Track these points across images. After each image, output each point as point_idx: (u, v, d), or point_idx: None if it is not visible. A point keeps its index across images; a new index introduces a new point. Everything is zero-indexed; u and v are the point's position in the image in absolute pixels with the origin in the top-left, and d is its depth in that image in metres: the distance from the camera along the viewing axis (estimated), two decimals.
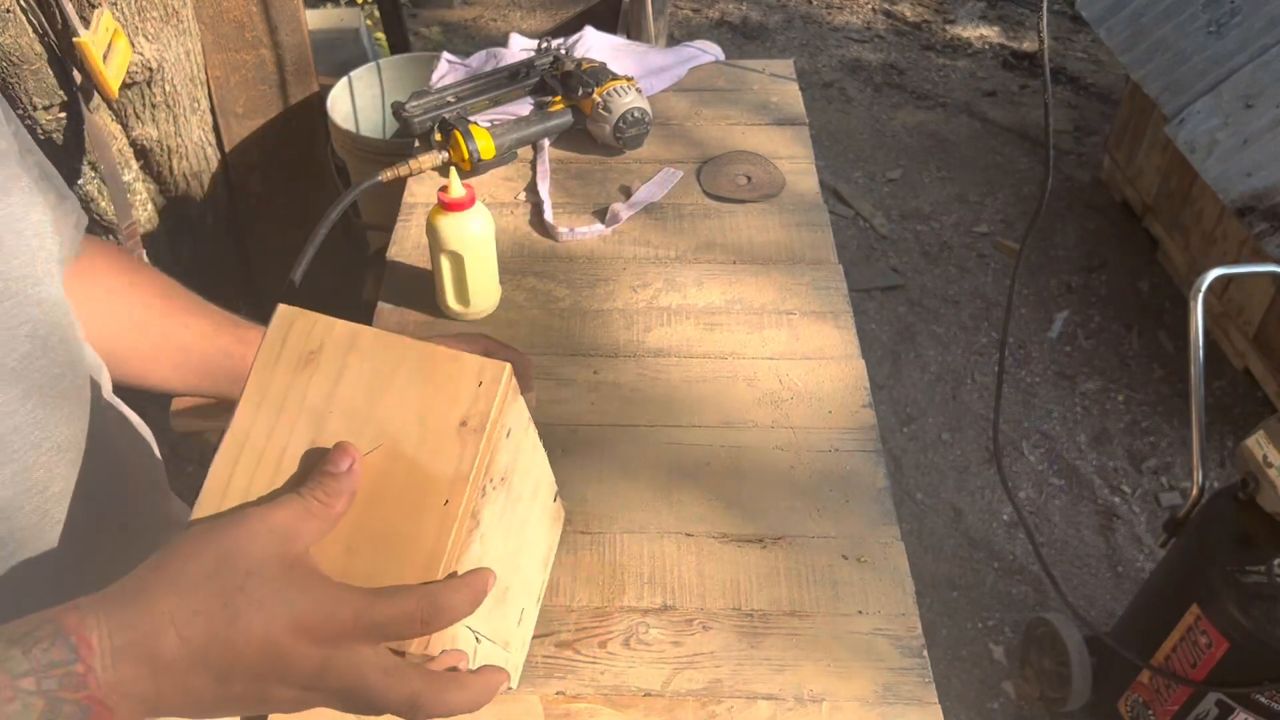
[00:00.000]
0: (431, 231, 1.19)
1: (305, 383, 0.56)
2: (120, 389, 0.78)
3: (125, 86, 1.75)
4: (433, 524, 0.54)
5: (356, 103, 2.28)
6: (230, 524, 0.50)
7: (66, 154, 1.76)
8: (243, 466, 0.56)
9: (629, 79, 1.52)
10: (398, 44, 2.50)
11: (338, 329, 0.58)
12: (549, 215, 1.42)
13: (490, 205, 1.44)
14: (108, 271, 0.77)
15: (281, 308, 0.58)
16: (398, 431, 0.56)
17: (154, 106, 1.83)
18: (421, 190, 1.48)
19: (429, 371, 0.57)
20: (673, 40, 3.17)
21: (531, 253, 1.38)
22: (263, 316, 0.64)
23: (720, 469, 1.08)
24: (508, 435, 0.60)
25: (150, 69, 1.76)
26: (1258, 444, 1.42)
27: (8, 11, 1.53)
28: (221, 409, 0.92)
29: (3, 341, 0.57)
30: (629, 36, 2.23)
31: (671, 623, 0.94)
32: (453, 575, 0.54)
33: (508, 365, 0.57)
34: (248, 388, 0.57)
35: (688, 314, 1.27)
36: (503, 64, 1.67)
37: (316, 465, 0.53)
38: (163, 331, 0.80)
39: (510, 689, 0.61)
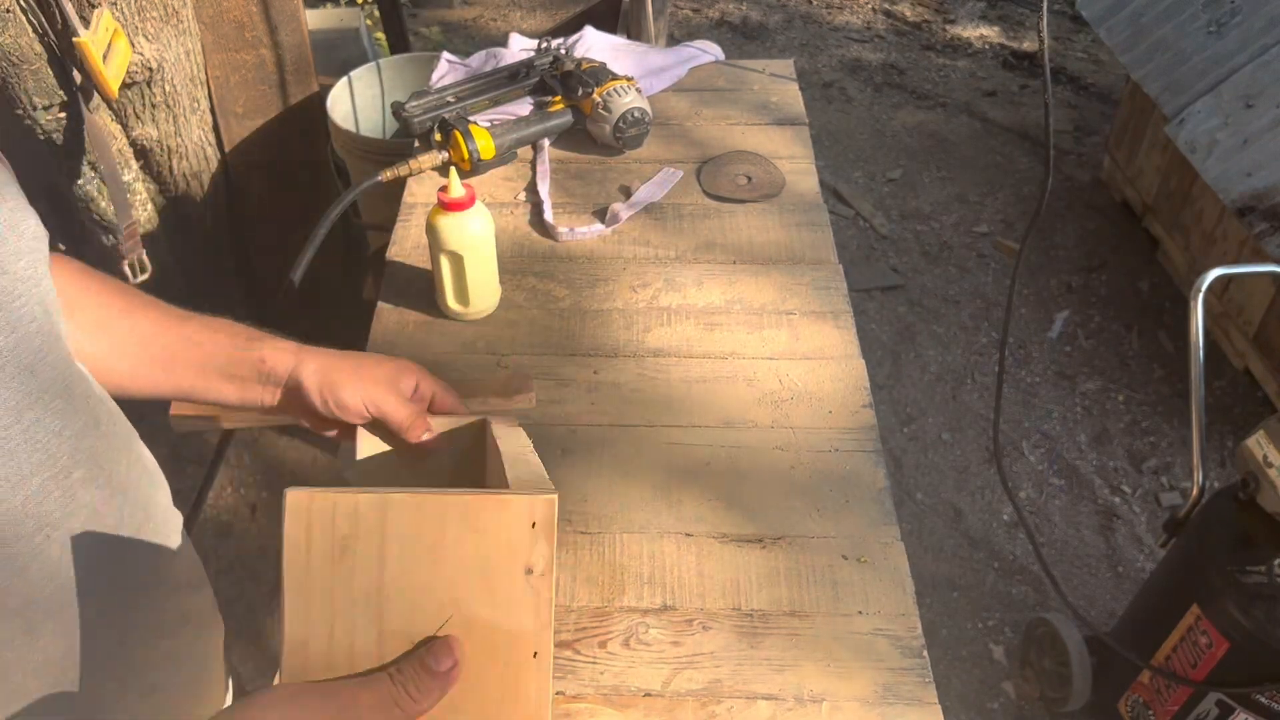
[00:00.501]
0: (431, 231, 1.19)
1: (349, 575, 0.53)
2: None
3: (125, 86, 1.75)
4: (531, 681, 0.55)
5: (356, 102, 2.28)
6: (319, 694, 0.50)
7: (66, 154, 1.76)
8: (314, 672, 0.53)
9: (629, 79, 1.52)
10: (398, 44, 2.50)
11: (362, 507, 0.53)
12: (549, 215, 1.42)
13: (490, 205, 1.44)
14: (66, 277, 0.74)
15: (291, 496, 0.53)
16: (464, 595, 0.54)
17: (154, 106, 1.83)
18: (421, 190, 1.48)
19: (476, 524, 0.54)
20: (673, 40, 3.17)
21: (531, 253, 1.38)
22: (263, 317, 0.64)
23: (720, 469, 1.08)
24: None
25: (150, 69, 1.76)
26: (1258, 444, 1.42)
27: (7, 11, 1.53)
28: (223, 407, 0.92)
29: (17, 339, 0.58)
30: (629, 36, 2.23)
31: (671, 623, 0.94)
32: None
33: (554, 497, 0.55)
34: (287, 592, 0.53)
35: (687, 314, 1.27)
36: (503, 64, 1.67)
37: (417, 653, 0.53)
38: (126, 327, 0.77)
39: None
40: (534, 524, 0.55)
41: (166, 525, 0.77)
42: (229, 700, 0.93)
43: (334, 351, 0.82)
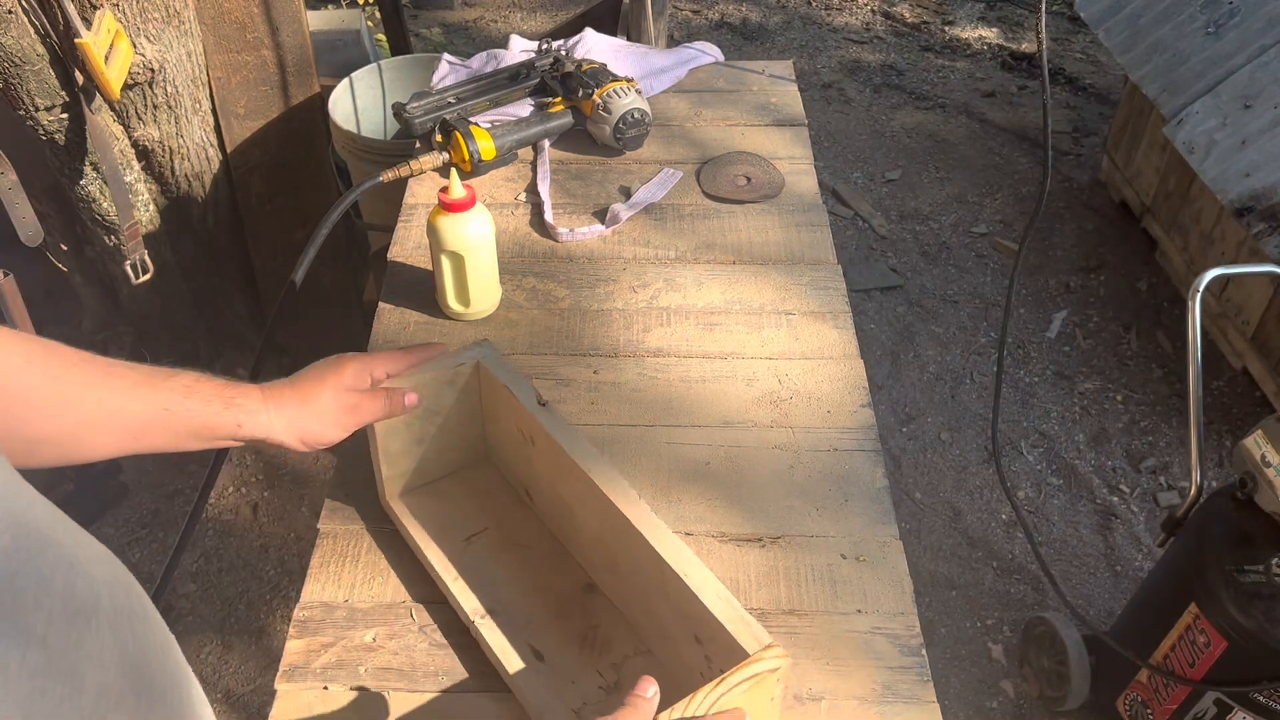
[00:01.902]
0: (432, 232, 1.19)
1: None
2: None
3: (127, 87, 1.76)
4: None
5: (358, 103, 2.28)
6: None
7: (68, 155, 1.76)
8: None
9: (629, 80, 1.52)
10: (399, 45, 2.51)
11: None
12: (549, 216, 1.42)
13: (491, 206, 1.45)
14: (21, 356, 0.70)
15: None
16: None
17: (156, 107, 1.84)
18: (422, 191, 1.49)
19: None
20: (672, 41, 3.18)
21: (532, 253, 1.38)
22: (263, 317, 0.64)
23: (719, 468, 1.08)
24: None
25: (152, 70, 1.77)
26: (1256, 443, 1.43)
27: (9, 13, 1.54)
28: None
29: None
30: (629, 38, 2.24)
31: None
32: None
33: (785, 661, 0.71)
34: None
35: (687, 314, 1.28)
36: (503, 65, 1.67)
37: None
38: (93, 402, 0.73)
39: None
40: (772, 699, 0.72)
41: None
42: None
43: (290, 390, 0.85)
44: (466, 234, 1.18)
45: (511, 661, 0.88)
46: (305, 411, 0.84)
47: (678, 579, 0.79)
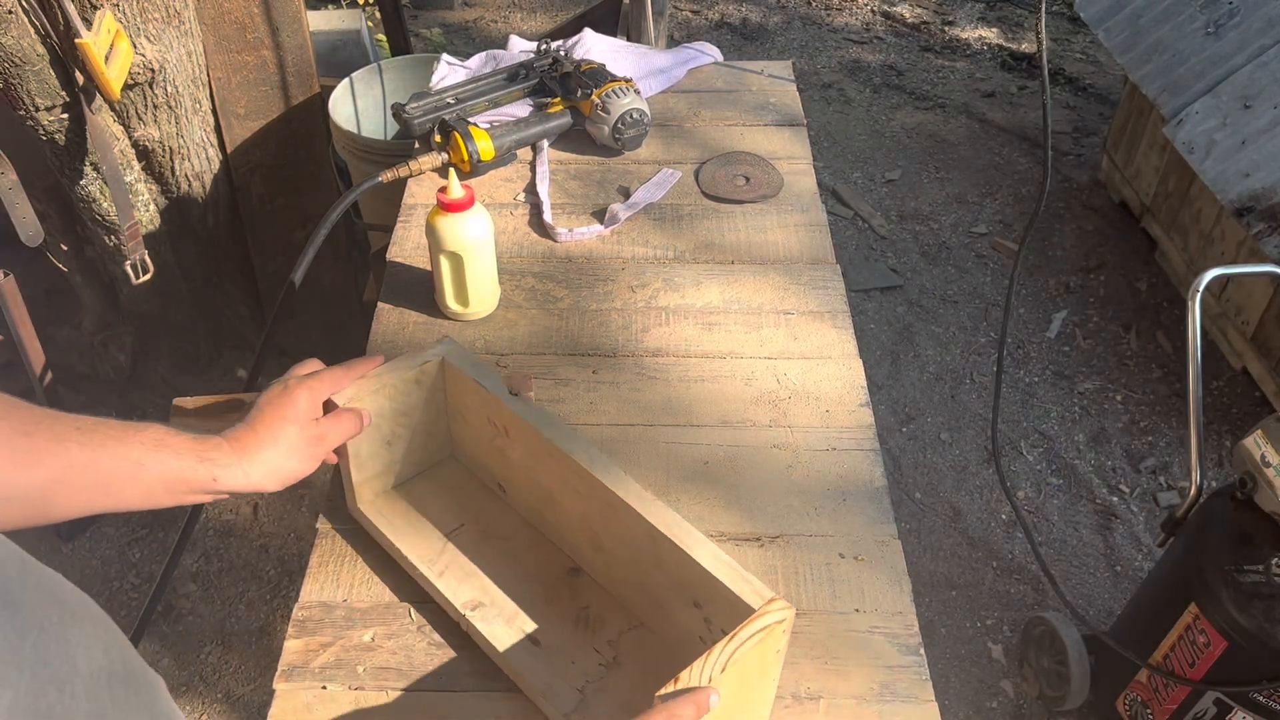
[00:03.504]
0: (431, 232, 1.19)
1: None
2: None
3: (127, 88, 1.76)
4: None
5: (358, 104, 2.28)
6: None
7: (69, 155, 1.76)
8: None
9: (628, 80, 1.52)
10: (399, 46, 2.51)
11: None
12: (548, 216, 1.42)
13: (490, 206, 1.45)
14: None
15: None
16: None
17: (156, 107, 1.84)
18: (421, 191, 1.49)
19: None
20: (672, 41, 3.18)
21: (531, 253, 1.38)
22: (263, 317, 0.64)
23: (718, 468, 1.08)
24: None
25: (152, 70, 1.77)
26: (1255, 444, 1.43)
27: (10, 13, 1.54)
28: (223, 408, 0.93)
29: None
30: (628, 38, 2.24)
31: None
32: None
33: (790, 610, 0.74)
34: None
35: (686, 314, 1.28)
36: (502, 66, 1.67)
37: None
38: (61, 463, 0.70)
39: None
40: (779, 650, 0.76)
41: None
42: None
43: (252, 435, 0.83)
44: (465, 234, 1.18)
45: (509, 650, 0.88)
46: (276, 453, 0.84)
47: (673, 545, 0.80)
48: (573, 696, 0.85)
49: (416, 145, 1.58)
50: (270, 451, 0.84)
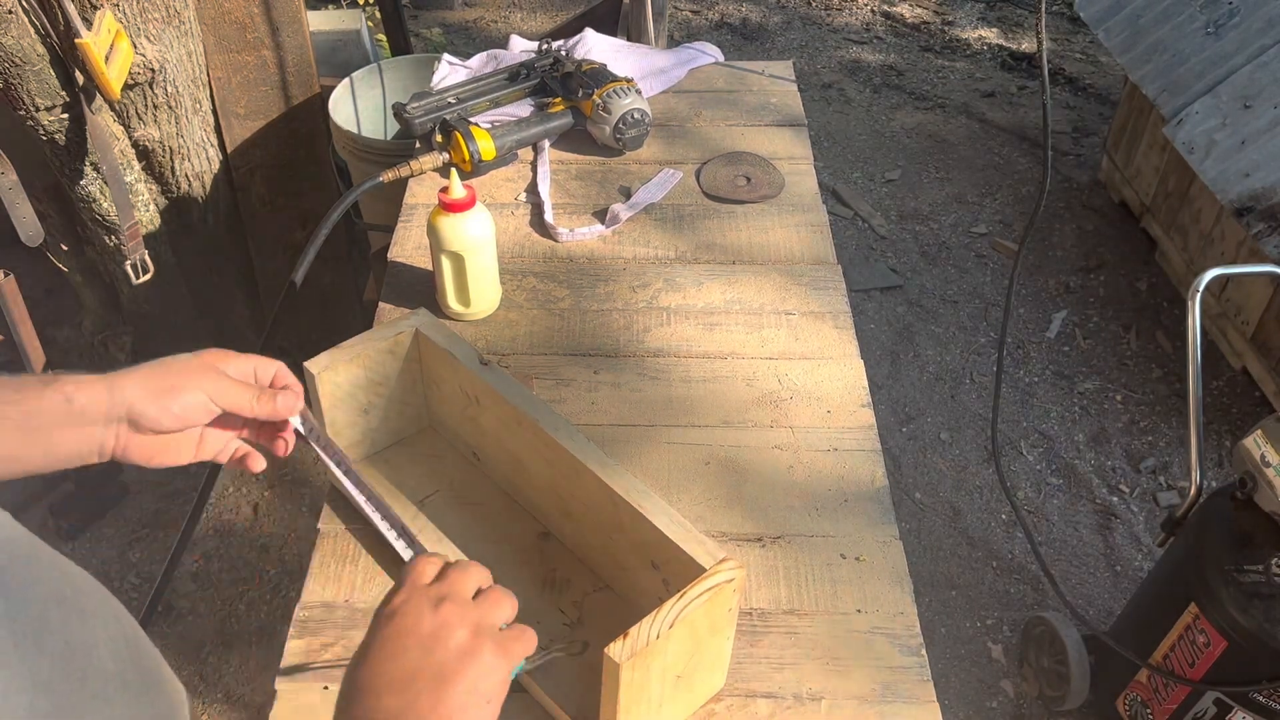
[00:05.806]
0: (432, 232, 1.19)
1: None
2: None
3: (127, 87, 1.76)
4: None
5: (358, 104, 2.28)
6: None
7: (68, 155, 1.76)
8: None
9: (629, 80, 1.52)
10: (399, 45, 2.51)
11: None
12: (549, 216, 1.43)
13: (491, 206, 1.45)
14: None
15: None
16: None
17: (156, 107, 1.84)
18: (422, 191, 1.49)
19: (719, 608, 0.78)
20: (672, 41, 3.18)
21: (532, 253, 1.38)
22: (264, 317, 0.64)
23: (719, 468, 1.08)
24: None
25: (152, 70, 1.77)
26: (1255, 443, 1.43)
27: (10, 13, 1.54)
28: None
29: None
30: (629, 38, 2.24)
31: None
32: None
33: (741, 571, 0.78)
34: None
35: (687, 314, 1.28)
36: (503, 65, 1.67)
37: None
38: None
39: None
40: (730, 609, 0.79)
41: None
42: None
43: (142, 366, 0.72)
44: (466, 234, 1.18)
45: None
46: (160, 369, 0.71)
47: (632, 509, 0.84)
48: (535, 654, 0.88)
49: (417, 145, 1.58)
50: (154, 367, 0.71)
